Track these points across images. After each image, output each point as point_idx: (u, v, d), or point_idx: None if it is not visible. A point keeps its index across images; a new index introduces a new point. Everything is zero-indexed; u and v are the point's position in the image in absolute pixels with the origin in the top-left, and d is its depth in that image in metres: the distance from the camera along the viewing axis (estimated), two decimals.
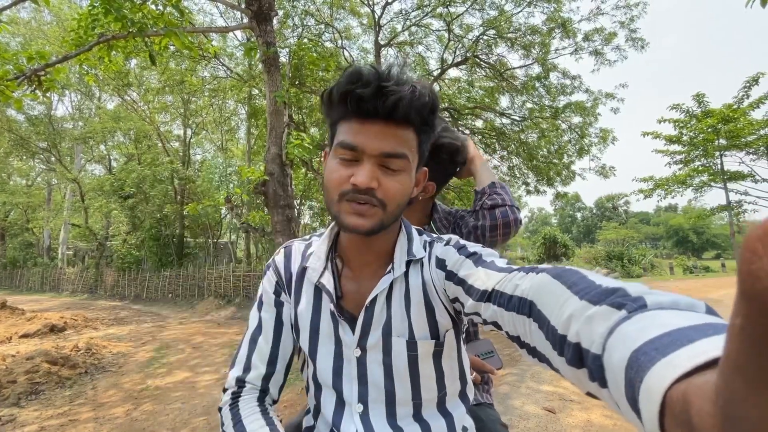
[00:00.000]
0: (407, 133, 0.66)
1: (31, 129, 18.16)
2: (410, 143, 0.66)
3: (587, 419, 2.98)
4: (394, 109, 0.62)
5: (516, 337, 0.49)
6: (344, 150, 0.65)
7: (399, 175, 0.66)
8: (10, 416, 3.58)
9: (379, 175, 0.64)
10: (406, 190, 0.68)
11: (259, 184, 4.97)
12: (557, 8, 9.37)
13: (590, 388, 0.35)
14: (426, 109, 0.65)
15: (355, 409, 0.71)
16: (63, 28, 13.63)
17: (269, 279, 0.80)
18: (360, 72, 0.62)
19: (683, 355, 0.24)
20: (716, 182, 14.68)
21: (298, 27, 10.40)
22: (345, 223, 0.65)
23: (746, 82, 12.79)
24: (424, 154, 0.71)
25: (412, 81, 0.64)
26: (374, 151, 0.64)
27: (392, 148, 0.64)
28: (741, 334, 0.15)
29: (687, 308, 0.31)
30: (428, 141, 0.71)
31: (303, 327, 0.75)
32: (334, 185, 0.65)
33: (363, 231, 0.65)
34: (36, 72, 4.11)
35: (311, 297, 0.76)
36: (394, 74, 0.62)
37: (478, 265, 0.62)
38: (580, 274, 0.42)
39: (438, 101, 0.67)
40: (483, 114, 11.25)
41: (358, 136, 0.64)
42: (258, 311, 0.79)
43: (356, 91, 0.61)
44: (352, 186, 0.63)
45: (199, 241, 18.42)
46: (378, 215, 0.65)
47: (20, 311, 9.09)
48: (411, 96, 0.62)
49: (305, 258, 0.78)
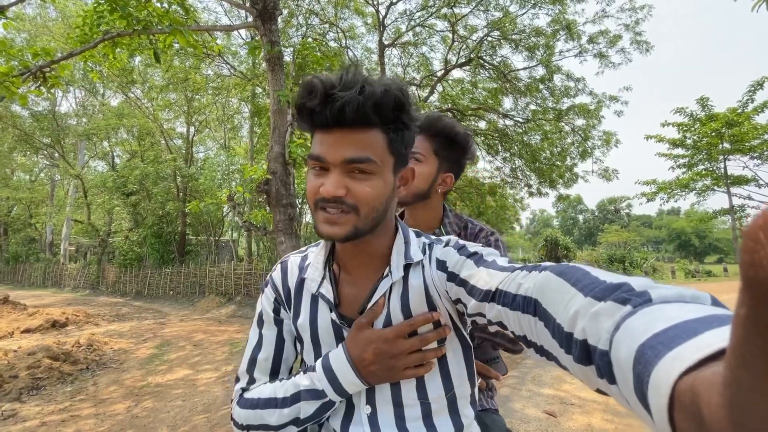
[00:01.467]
0: (369, 135, 0.64)
1: (35, 125, 18.22)
2: (375, 145, 0.65)
3: (588, 423, 2.97)
4: (341, 115, 0.61)
5: (522, 337, 0.49)
6: (313, 161, 0.67)
7: (369, 179, 0.65)
8: (12, 411, 3.60)
9: (347, 182, 0.64)
10: (380, 192, 0.66)
11: (262, 182, 4.97)
12: (562, 10, 9.35)
13: (599, 385, 0.35)
14: (386, 106, 0.63)
15: (363, 411, 0.71)
16: (68, 25, 13.69)
17: (267, 297, 0.80)
18: (311, 85, 0.62)
19: (690, 348, 0.24)
20: (719, 186, 14.64)
21: (302, 26, 10.41)
22: (319, 231, 0.67)
23: (751, 86, 12.75)
24: (402, 152, 0.69)
25: (362, 81, 0.62)
26: (337, 160, 0.64)
27: (354, 153, 0.63)
28: (746, 324, 0.15)
29: (692, 300, 0.31)
30: (403, 139, 0.68)
31: (305, 339, 0.76)
32: (310, 196, 0.68)
33: (338, 238, 0.66)
34: (41, 68, 4.12)
35: (309, 308, 0.76)
36: (344, 80, 0.61)
37: (480, 265, 0.62)
38: (584, 271, 0.42)
39: (403, 96, 0.64)
40: (486, 115, 11.24)
41: (322, 146, 0.65)
42: (258, 328, 0.79)
43: (307, 105, 0.63)
44: (322, 195, 0.65)
45: (200, 238, 18.45)
46: (351, 221, 0.65)
47: (22, 306, 9.13)
48: (361, 97, 0.60)
49: (303, 270, 0.79)
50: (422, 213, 1.17)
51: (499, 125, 11.17)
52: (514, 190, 12.95)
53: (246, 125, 17.66)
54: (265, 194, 5.11)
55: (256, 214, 6.16)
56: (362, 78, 0.62)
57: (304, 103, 0.63)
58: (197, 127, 17.99)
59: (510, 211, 14.06)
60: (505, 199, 12.85)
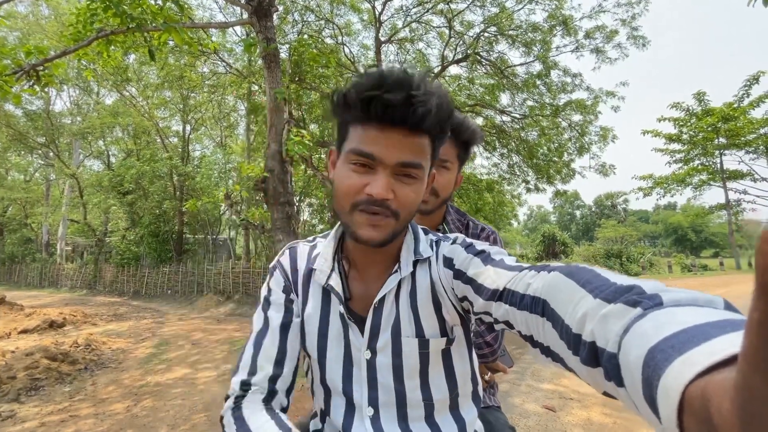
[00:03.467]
0: (425, 141, 0.64)
1: (29, 124, 18.07)
2: (426, 151, 0.65)
3: (587, 417, 2.99)
4: (421, 121, 0.60)
5: (529, 337, 0.48)
6: (358, 157, 0.63)
7: (414, 184, 0.64)
8: (10, 412, 3.58)
9: (394, 185, 0.63)
10: (419, 198, 0.67)
11: (259, 180, 4.96)
12: (559, 5, 9.33)
13: (606, 388, 0.34)
14: (446, 120, 0.64)
15: (365, 413, 0.70)
16: (61, 23, 13.53)
17: (277, 280, 0.77)
18: (383, 76, 0.58)
19: (701, 353, 0.23)
20: (715, 181, 14.72)
21: (298, 23, 10.35)
22: (358, 234, 0.64)
23: (746, 80, 12.79)
24: (436, 158, 0.70)
25: (436, 91, 0.61)
26: (392, 161, 0.62)
27: (410, 158, 0.62)
28: (759, 329, 0.15)
29: (705, 304, 0.30)
30: (441, 146, 0.70)
31: (310, 331, 0.74)
32: (348, 194, 0.64)
33: (376, 243, 0.64)
34: (34, 67, 4.08)
35: (319, 299, 0.74)
36: (421, 85, 0.59)
37: (487, 263, 0.61)
38: (594, 272, 0.42)
39: (453, 108, 0.66)
40: (483, 111, 11.23)
41: (376, 144, 0.61)
42: (263, 312, 0.74)
43: (384, 97, 0.58)
44: (367, 196, 0.62)
45: (198, 237, 18.38)
46: (391, 225, 0.64)
47: (19, 307, 9.08)
48: (438, 108, 0.60)
49: (311, 260, 0.77)
50: (429, 216, 1.16)
51: (496, 121, 11.17)
52: (512, 186, 12.97)
53: (242, 123, 17.60)
54: (262, 192, 5.10)
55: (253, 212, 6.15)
56: (435, 86, 0.61)
57: (377, 95, 0.58)
58: (193, 125, 17.89)
59: (507, 207, 14.09)
60: (502, 195, 12.87)
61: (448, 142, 1.07)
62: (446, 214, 1.19)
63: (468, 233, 1.19)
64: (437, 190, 1.07)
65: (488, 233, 1.18)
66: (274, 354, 0.70)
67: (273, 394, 0.69)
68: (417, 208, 0.68)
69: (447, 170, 1.08)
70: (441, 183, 1.07)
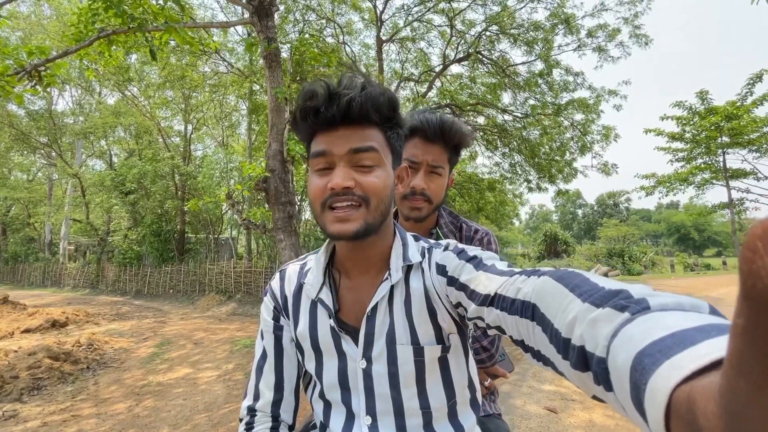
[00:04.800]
0: (371, 131, 0.68)
1: (31, 124, 18.11)
2: (377, 139, 0.68)
3: (589, 419, 2.98)
4: (348, 109, 0.64)
5: (520, 341, 0.49)
6: (317, 159, 0.68)
7: (374, 171, 0.67)
8: (13, 411, 3.59)
9: (354, 175, 0.66)
10: (386, 183, 0.68)
11: (260, 180, 4.96)
12: (561, 4, 9.30)
13: (596, 392, 0.35)
14: (383, 105, 0.67)
15: (363, 422, 0.70)
16: (63, 23, 13.55)
17: (266, 306, 0.80)
18: (312, 89, 0.65)
19: (687, 357, 0.24)
20: (718, 180, 14.64)
21: (299, 22, 10.34)
22: (330, 230, 0.66)
23: (750, 79, 12.70)
24: (398, 150, 0.73)
25: (362, 83, 0.66)
26: (343, 150, 0.66)
27: (359, 143, 0.66)
28: (744, 334, 0.15)
29: (690, 309, 0.31)
30: (398, 138, 0.72)
31: (305, 347, 0.75)
32: (316, 196, 0.67)
33: (349, 235, 0.65)
34: (36, 67, 4.09)
35: (308, 314, 0.75)
36: (344, 82, 0.66)
37: (479, 269, 0.61)
38: (583, 277, 0.42)
39: (396, 97, 0.69)
40: (485, 110, 11.20)
41: (326, 143, 0.67)
42: (261, 340, 0.80)
43: (311, 106, 0.65)
44: (330, 190, 0.65)
45: (200, 236, 18.41)
46: (362, 216, 0.66)
47: (22, 306, 9.12)
48: (363, 96, 0.65)
49: (302, 276, 0.78)
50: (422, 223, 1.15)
51: (498, 120, 11.14)
52: (514, 185, 12.94)
53: (244, 123, 17.59)
54: (263, 192, 5.10)
55: (255, 212, 6.14)
56: (361, 80, 0.67)
57: (308, 105, 0.65)
58: (195, 124, 17.91)
59: (509, 206, 14.06)
60: (504, 194, 12.85)
61: (439, 147, 1.06)
62: (438, 218, 1.18)
63: (461, 235, 1.18)
64: (430, 196, 1.07)
65: (482, 234, 1.17)
66: (272, 380, 0.76)
67: (277, 420, 0.76)
68: (389, 196, 0.69)
69: (439, 176, 1.07)
70: (433, 189, 1.07)
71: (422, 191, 1.05)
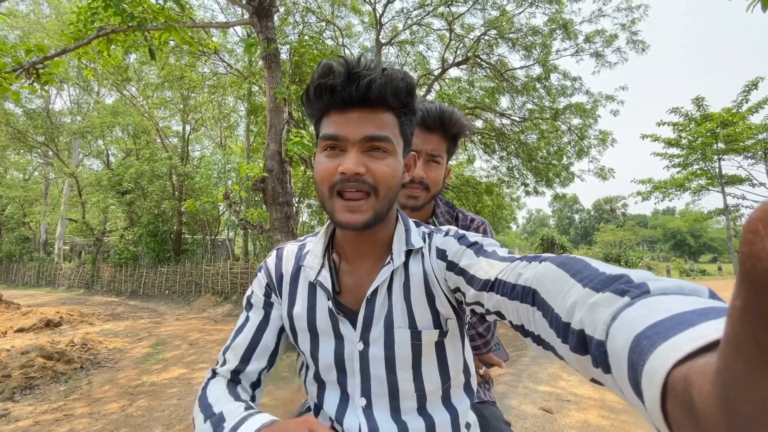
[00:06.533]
0: (387, 116, 0.66)
1: (28, 123, 18.05)
2: (391, 126, 0.67)
3: (584, 419, 2.98)
4: (367, 92, 0.62)
5: (520, 326, 0.49)
6: (328, 141, 0.65)
7: (386, 159, 0.66)
8: (5, 410, 3.56)
9: (365, 161, 0.64)
10: (396, 173, 0.67)
11: (258, 180, 4.96)
12: (559, 9, 9.37)
13: (594, 374, 0.35)
14: (402, 91, 0.65)
15: (358, 403, 0.70)
16: (62, 22, 13.54)
17: (259, 281, 0.79)
18: (330, 65, 0.63)
19: (684, 338, 0.24)
20: (714, 186, 14.71)
21: (298, 24, 10.38)
22: (338, 219, 0.65)
23: (745, 86, 12.81)
24: (409, 138, 0.72)
25: (383, 66, 0.64)
26: (357, 137, 0.64)
27: (374, 131, 0.64)
28: (741, 315, 0.15)
29: (690, 293, 0.31)
30: (411, 125, 0.71)
31: (300, 328, 0.74)
32: (324, 178, 0.66)
33: (358, 226, 0.65)
34: (34, 65, 4.08)
35: (306, 296, 0.75)
36: (363, 62, 0.63)
37: (480, 254, 0.61)
38: (584, 262, 0.42)
39: (414, 83, 0.67)
40: (483, 114, 11.26)
41: (339, 125, 0.64)
42: (246, 311, 0.78)
43: (328, 83, 0.62)
44: (341, 175, 0.64)
45: (196, 237, 18.35)
46: (371, 205, 0.65)
47: (16, 306, 9.04)
48: (383, 78, 0.63)
49: (300, 258, 0.78)
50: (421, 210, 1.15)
51: (495, 124, 11.20)
52: (511, 189, 13.00)
53: (242, 123, 17.60)
54: (261, 192, 5.09)
55: (252, 212, 6.14)
56: (380, 62, 0.65)
57: (324, 81, 0.63)
58: (193, 125, 17.89)
59: (506, 210, 14.11)
60: (501, 198, 12.90)
61: (438, 136, 1.06)
62: (435, 207, 1.19)
63: (458, 225, 1.18)
64: (429, 185, 1.07)
65: (478, 224, 1.17)
66: (241, 352, 0.73)
67: (236, 382, 0.72)
68: (397, 185, 0.68)
69: (438, 165, 1.08)
70: (432, 178, 1.07)
71: (421, 180, 1.05)
